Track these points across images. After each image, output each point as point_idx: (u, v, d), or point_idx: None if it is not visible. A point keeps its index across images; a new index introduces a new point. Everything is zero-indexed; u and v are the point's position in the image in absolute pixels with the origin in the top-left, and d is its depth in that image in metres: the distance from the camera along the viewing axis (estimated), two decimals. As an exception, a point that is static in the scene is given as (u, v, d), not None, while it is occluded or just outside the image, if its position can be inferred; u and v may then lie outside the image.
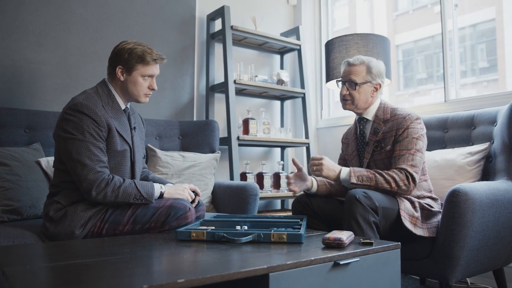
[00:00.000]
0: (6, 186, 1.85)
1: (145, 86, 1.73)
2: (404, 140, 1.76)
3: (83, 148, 1.55)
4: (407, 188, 1.70)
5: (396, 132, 1.79)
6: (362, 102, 1.88)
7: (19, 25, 2.37)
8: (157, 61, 1.73)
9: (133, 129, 1.79)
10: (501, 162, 1.93)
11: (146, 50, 1.70)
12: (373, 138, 1.87)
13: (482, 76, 2.83)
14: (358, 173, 1.73)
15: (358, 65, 1.88)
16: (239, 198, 2.35)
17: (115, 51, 1.71)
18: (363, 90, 1.87)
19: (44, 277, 0.95)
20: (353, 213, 1.59)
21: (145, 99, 1.77)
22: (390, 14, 3.84)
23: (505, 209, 1.76)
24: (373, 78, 1.87)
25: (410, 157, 1.73)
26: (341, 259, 1.15)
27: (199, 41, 3.09)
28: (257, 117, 3.13)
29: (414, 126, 1.78)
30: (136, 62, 1.68)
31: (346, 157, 2.06)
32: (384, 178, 1.70)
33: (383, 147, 1.83)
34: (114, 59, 1.71)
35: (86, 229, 1.58)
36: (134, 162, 1.75)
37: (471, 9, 2.78)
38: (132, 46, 1.69)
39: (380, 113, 1.88)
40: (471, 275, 1.75)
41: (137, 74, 1.70)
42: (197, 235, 1.36)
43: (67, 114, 1.59)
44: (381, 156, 1.84)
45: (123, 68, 1.69)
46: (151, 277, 0.94)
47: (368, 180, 1.71)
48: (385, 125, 1.85)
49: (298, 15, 3.60)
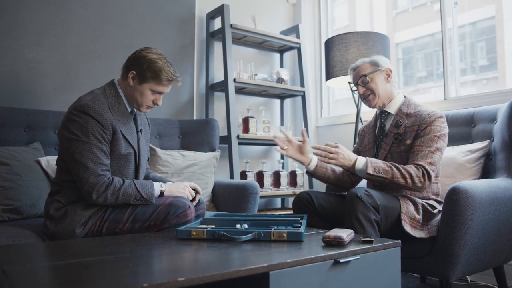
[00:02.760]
0: (6, 186, 1.85)
1: (150, 99, 1.70)
2: (426, 136, 1.75)
3: (86, 150, 1.55)
4: (422, 185, 1.69)
5: (419, 127, 1.78)
6: (383, 91, 1.88)
7: (19, 24, 2.36)
8: (171, 82, 1.70)
9: (140, 132, 1.78)
10: (501, 160, 1.93)
11: (165, 68, 1.66)
12: (394, 130, 1.86)
13: (482, 74, 2.82)
14: (375, 164, 1.72)
15: (361, 64, 1.92)
16: (239, 197, 2.35)
17: (136, 55, 1.68)
18: (377, 79, 1.88)
19: (44, 276, 0.95)
20: (354, 211, 1.59)
21: (146, 110, 1.74)
22: (390, 12, 3.84)
23: (505, 207, 1.76)
24: (380, 65, 1.89)
25: (429, 154, 1.71)
26: (341, 257, 1.15)
27: (198, 39, 3.09)
28: (257, 115, 3.13)
29: (437, 124, 1.77)
30: (151, 76, 1.65)
31: (361, 149, 2.06)
32: (401, 173, 1.69)
33: (402, 140, 1.81)
34: (132, 62, 1.67)
35: (86, 228, 1.58)
36: (139, 166, 1.75)
37: (471, 7, 2.77)
38: (153, 58, 1.65)
39: (404, 108, 1.88)
40: (471, 272, 1.75)
41: (147, 87, 1.67)
42: (197, 233, 1.36)
43: (72, 114, 1.58)
44: (399, 149, 1.83)
45: (136, 74, 1.66)
46: (152, 276, 0.95)
47: (385, 173, 1.70)
48: (408, 119, 1.84)
49: (297, 13, 3.60)
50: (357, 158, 1.76)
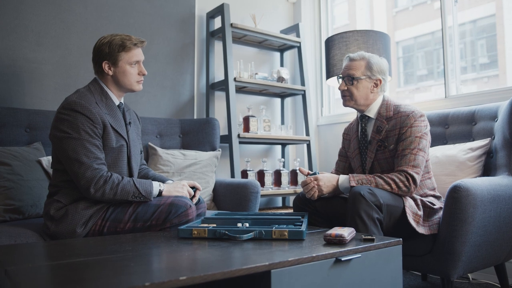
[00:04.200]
0: (7, 186, 1.86)
1: (134, 74, 1.75)
2: (407, 139, 1.74)
3: (79, 146, 1.56)
4: (407, 189, 1.69)
5: (400, 131, 1.77)
6: (362, 99, 1.85)
7: (19, 24, 2.36)
8: (137, 45, 1.74)
9: (128, 124, 1.79)
10: (502, 157, 1.93)
11: (125, 38, 1.72)
12: (376, 136, 1.84)
13: (483, 72, 2.82)
14: (357, 176, 1.73)
15: (358, 60, 1.86)
16: (240, 196, 2.35)
17: (95, 49, 1.73)
18: (362, 85, 1.84)
19: (46, 276, 0.95)
20: (357, 209, 1.58)
21: (139, 86, 1.78)
22: (390, 10, 3.83)
23: (506, 205, 1.76)
24: (373, 74, 1.84)
25: (412, 157, 1.71)
26: (342, 256, 1.15)
27: (199, 39, 3.09)
28: (258, 114, 3.13)
29: (417, 125, 1.75)
30: (118, 51, 1.70)
31: (348, 154, 2.04)
32: (384, 180, 1.69)
33: (386, 146, 1.81)
34: (97, 56, 1.73)
35: (87, 228, 1.58)
36: (131, 157, 1.75)
37: (471, 4, 2.77)
38: (110, 39, 1.71)
39: (383, 110, 1.85)
40: (472, 270, 1.75)
41: (124, 63, 1.71)
42: (198, 232, 1.36)
43: (61, 113, 1.59)
44: (385, 155, 1.82)
45: (108, 62, 1.71)
46: (153, 275, 0.95)
47: (368, 182, 1.70)
48: (388, 123, 1.82)
49: (297, 12, 3.60)
50: (338, 178, 1.77)
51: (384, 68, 1.87)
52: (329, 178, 1.77)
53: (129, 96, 2.63)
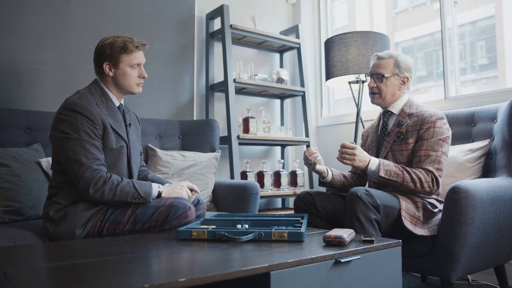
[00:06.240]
0: (7, 187, 1.85)
1: (135, 76, 1.75)
2: (431, 140, 1.77)
3: (79, 146, 1.56)
4: (430, 190, 1.72)
5: (421, 127, 1.81)
6: (389, 95, 1.91)
7: (19, 25, 2.36)
8: (139, 47, 1.74)
9: (128, 126, 1.79)
10: (501, 159, 1.93)
11: (127, 40, 1.72)
12: (396, 129, 1.89)
13: (482, 73, 2.82)
14: (387, 167, 1.74)
15: (387, 59, 1.92)
16: (239, 197, 2.35)
17: (97, 49, 1.73)
18: (390, 82, 1.90)
19: (45, 277, 0.95)
20: (354, 211, 1.59)
21: (138, 89, 1.78)
22: (389, 11, 3.83)
23: (506, 206, 1.76)
24: (401, 71, 1.90)
25: (437, 159, 1.75)
26: (342, 257, 1.15)
27: (198, 40, 3.09)
28: (257, 115, 3.13)
29: (440, 126, 1.80)
30: (120, 53, 1.70)
31: (365, 148, 2.08)
32: (411, 177, 1.71)
33: (404, 138, 1.84)
34: (98, 57, 1.73)
35: (86, 229, 1.58)
36: (130, 158, 1.75)
37: (471, 6, 2.77)
38: (112, 40, 1.71)
39: (407, 108, 1.91)
40: (472, 272, 1.75)
41: (124, 66, 1.72)
42: (198, 234, 1.36)
43: (61, 114, 1.59)
44: (400, 148, 1.85)
45: (109, 63, 1.71)
46: (152, 277, 0.95)
47: (396, 176, 1.72)
48: (410, 118, 1.87)
49: (297, 13, 3.60)
50: (370, 159, 1.77)
51: (410, 66, 1.93)
52: (365, 155, 1.78)
53: (129, 97, 2.63)
